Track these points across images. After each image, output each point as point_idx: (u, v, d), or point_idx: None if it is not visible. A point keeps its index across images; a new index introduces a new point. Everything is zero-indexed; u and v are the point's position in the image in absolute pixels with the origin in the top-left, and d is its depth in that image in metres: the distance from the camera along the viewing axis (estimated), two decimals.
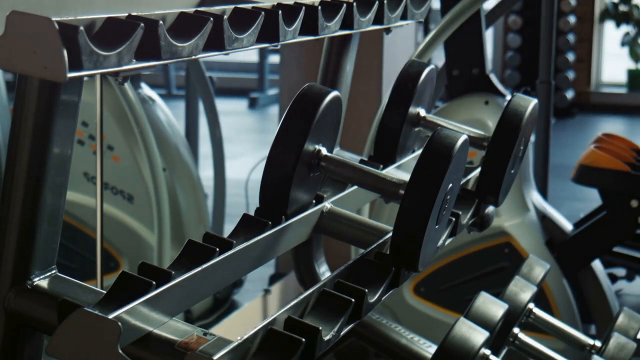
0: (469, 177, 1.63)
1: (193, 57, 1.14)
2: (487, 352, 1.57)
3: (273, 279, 3.84)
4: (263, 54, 9.48)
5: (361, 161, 1.57)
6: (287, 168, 1.30)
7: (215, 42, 1.18)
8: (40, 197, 1.09)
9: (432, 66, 1.68)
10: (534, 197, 3.43)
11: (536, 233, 3.33)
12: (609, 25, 10.15)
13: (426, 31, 5.40)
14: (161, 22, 1.06)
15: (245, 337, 1.05)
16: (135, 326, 1.04)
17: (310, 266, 1.78)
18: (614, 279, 4.30)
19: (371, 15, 1.61)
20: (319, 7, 1.43)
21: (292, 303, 1.14)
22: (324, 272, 1.79)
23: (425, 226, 1.25)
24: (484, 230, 1.69)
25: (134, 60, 1.03)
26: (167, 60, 1.09)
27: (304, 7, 1.40)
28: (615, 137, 3.83)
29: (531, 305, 1.84)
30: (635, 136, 7.18)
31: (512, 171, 1.62)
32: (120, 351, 0.97)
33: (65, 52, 0.92)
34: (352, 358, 2.90)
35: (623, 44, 9.90)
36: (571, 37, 9.48)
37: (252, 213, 1.32)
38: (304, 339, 1.07)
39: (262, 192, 1.32)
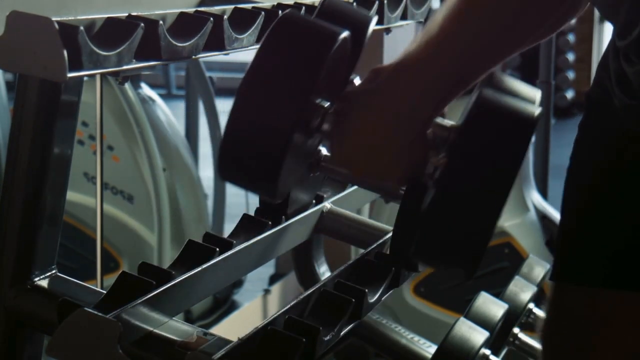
0: None
1: (193, 57, 1.14)
2: (487, 352, 1.57)
3: (273, 279, 3.84)
4: None
5: None
6: None
7: (216, 42, 1.18)
8: (40, 197, 1.09)
9: None
10: (534, 197, 3.42)
11: (536, 233, 3.33)
12: (609, 26, 10.12)
13: None
14: (161, 22, 1.06)
15: (245, 337, 1.05)
16: (135, 326, 1.04)
17: (310, 266, 1.77)
18: None
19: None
20: None
21: (292, 303, 1.14)
22: (324, 272, 1.78)
23: None
24: None
25: (134, 60, 1.03)
26: (168, 60, 1.09)
27: (304, 7, 1.40)
28: None
29: (531, 305, 1.84)
30: None
31: None
32: (120, 351, 0.98)
33: (65, 52, 0.92)
34: (352, 358, 2.90)
35: None
36: (571, 37, 9.48)
37: (252, 213, 1.32)
38: (304, 339, 1.07)
39: None
